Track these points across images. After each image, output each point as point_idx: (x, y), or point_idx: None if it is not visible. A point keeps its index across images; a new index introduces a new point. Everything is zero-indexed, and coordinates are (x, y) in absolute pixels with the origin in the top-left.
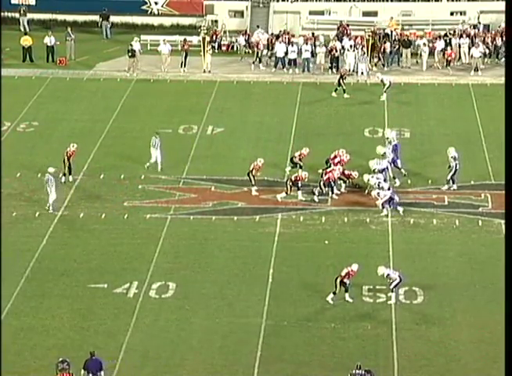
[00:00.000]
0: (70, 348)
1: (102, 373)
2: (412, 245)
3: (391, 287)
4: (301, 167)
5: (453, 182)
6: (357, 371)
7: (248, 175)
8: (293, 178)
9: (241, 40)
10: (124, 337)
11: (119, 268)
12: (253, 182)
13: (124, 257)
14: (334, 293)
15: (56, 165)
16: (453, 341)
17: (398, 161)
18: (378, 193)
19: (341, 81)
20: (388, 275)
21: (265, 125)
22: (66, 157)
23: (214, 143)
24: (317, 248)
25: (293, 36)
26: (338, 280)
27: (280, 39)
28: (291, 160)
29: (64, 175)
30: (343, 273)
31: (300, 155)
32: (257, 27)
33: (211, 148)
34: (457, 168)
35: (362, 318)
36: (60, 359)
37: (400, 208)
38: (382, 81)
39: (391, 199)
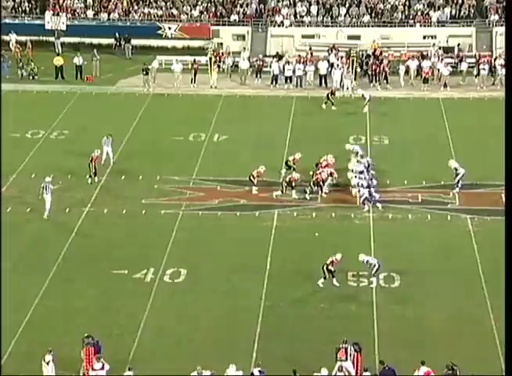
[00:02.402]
0: (96, 326)
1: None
2: (390, 237)
3: (373, 272)
4: (294, 169)
5: (457, 186)
6: (343, 345)
7: (249, 177)
8: (287, 179)
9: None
10: (141, 316)
11: (137, 256)
12: (254, 183)
13: (141, 247)
14: (324, 278)
15: (87, 166)
16: (426, 320)
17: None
18: (359, 191)
19: (330, 95)
20: (368, 261)
21: (263, 133)
22: (90, 162)
23: (219, 149)
24: (308, 239)
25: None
26: (325, 268)
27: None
28: (286, 163)
29: (90, 176)
30: (328, 261)
31: (293, 159)
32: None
33: (217, 153)
34: (463, 173)
35: (347, 300)
36: (86, 335)
37: (379, 205)
38: (363, 95)
39: (370, 196)
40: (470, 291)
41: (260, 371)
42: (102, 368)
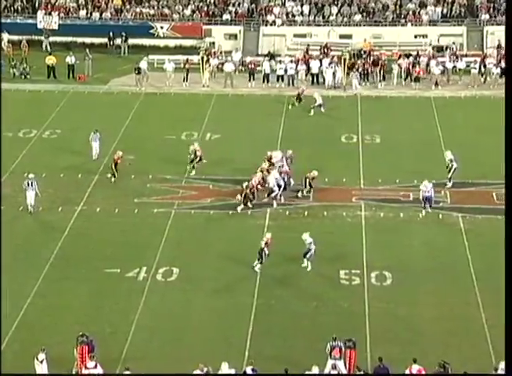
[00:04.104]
0: (89, 325)
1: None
2: (382, 235)
3: (307, 256)
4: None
5: (449, 181)
6: (333, 343)
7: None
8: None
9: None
10: (134, 315)
11: (130, 255)
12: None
13: (134, 245)
14: (261, 262)
15: (81, 165)
16: (418, 318)
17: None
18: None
19: (299, 96)
20: (310, 243)
21: (255, 132)
22: (113, 163)
23: (211, 148)
24: (301, 238)
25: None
26: (261, 251)
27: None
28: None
29: (114, 176)
30: (263, 245)
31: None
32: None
33: (209, 152)
34: (455, 168)
35: (339, 298)
36: (80, 334)
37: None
38: (315, 98)
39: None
40: (461, 290)
41: (252, 369)
42: (96, 367)
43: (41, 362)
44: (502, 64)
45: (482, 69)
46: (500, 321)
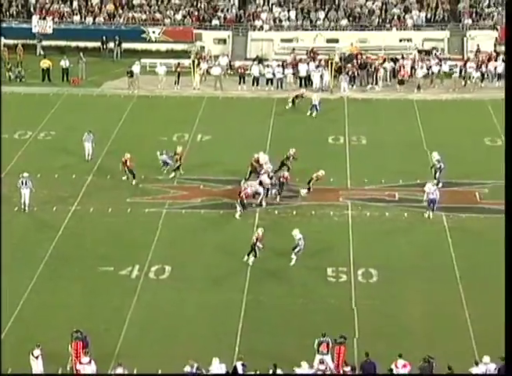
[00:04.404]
0: (83, 321)
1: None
2: (368, 234)
3: (295, 250)
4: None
5: (438, 181)
6: (321, 338)
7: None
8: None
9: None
10: (127, 312)
11: (123, 254)
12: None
13: (127, 244)
14: (254, 256)
15: (75, 166)
16: (403, 314)
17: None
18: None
19: (296, 99)
20: (300, 239)
21: (245, 133)
22: (124, 166)
23: (202, 149)
24: (289, 236)
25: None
26: (253, 245)
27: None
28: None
29: (127, 178)
30: (254, 239)
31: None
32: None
33: (200, 153)
34: (442, 168)
35: (327, 295)
36: (75, 330)
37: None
38: (312, 101)
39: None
40: (445, 287)
41: (242, 365)
42: (89, 362)
43: (37, 358)
44: (483, 68)
45: (463, 73)
46: (483, 317)
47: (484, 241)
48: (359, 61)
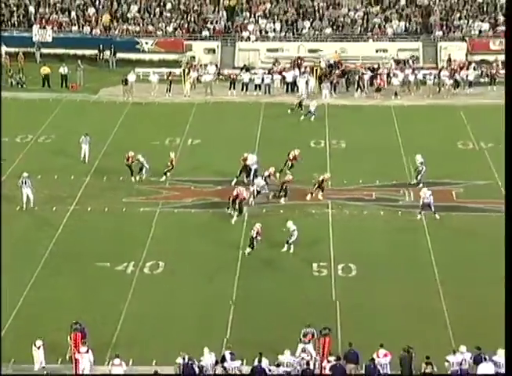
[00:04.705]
0: (81, 314)
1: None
2: (347, 231)
3: (289, 240)
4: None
5: (419, 182)
6: (306, 329)
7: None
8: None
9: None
10: (123, 305)
11: (119, 250)
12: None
13: (123, 242)
14: (252, 248)
15: (73, 168)
16: (384, 307)
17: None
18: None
19: (300, 104)
20: (294, 230)
21: (234, 136)
22: (126, 162)
23: (193, 152)
24: (275, 234)
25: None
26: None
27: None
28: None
29: (132, 175)
30: (254, 234)
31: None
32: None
33: (191, 156)
34: (423, 170)
35: (311, 288)
36: (74, 321)
37: None
38: (309, 106)
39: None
40: (423, 280)
41: (231, 353)
42: (87, 352)
43: (38, 348)
44: (456, 76)
45: (437, 80)
46: (459, 309)
47: (461, 237)
48: (341, 69)
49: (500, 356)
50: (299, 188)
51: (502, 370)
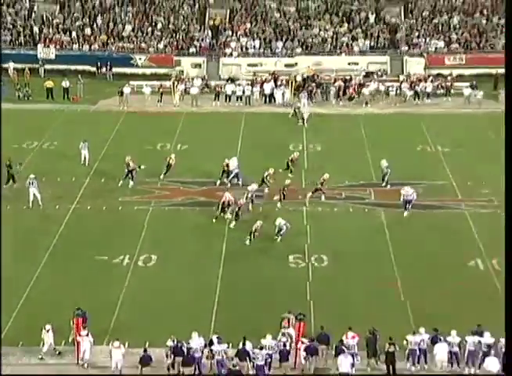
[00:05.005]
0: (82, 302)
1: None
2: (320, 226)
3: (280, 233)
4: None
5: (387, 183)
6: (286, 315)
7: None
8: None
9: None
10: (119, 294)
11: (116, 245)
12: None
13: (119, 237)
14: (250, 241)
15: (74, 171)
16: (352, 293)
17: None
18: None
19: (296, 110)
20: (285, 224)
21: (218, 142)
22: (127, 167)
23: (182, 156)
24: (256, 229)
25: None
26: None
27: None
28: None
29: (126, 178)
30: (254, 229)
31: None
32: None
33: (180, 159)
34: (389, 173)
35: (289, 278)
36: (76, 308)
37: None
38: (303, 112)
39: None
40: (384, 269)
41: (217, 338)
42: (87, 335)
43: (48, 331)
44: (417, 88)
45: (399, 91)
46: (415, 294)
47: (415, 231)
48: (317, 81)
49: (453, 336)
50: (278, 188)
51: (455, 349)
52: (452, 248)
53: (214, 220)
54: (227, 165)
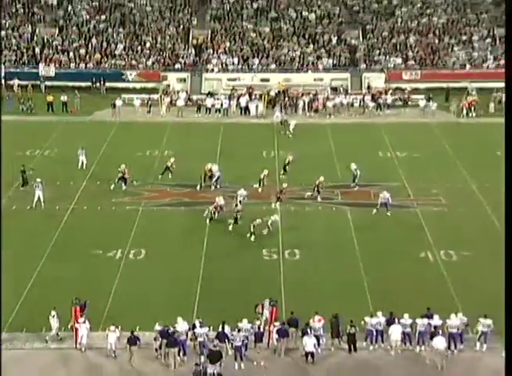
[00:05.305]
0: (79, 291)
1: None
2: (293, 223)
3: (270, 224)
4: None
5: (356, 184)
6: (263, 302)
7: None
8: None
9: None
10: (113, 284)
11: (109, 240)
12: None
13: (112, 233)
14: (250, 235)
15: (72, 175)
16: (319, 282)
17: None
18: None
19: (285, 123)
20: (275, 219)
21: (199, 149)
22: (121, 173)
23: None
24: (235, 226)
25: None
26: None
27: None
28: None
29: (118, 182)
30: (252, 226)
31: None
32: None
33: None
34: (359, 175)
35: (263, 269)
36: (75, 297)
37: None
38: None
39: None
40: (349, 260)
41: (200, 322)
42: (84, 322)
43: (53, 317)
44: (379, 100)
45: (361, 103)
46: (376, 282)
47: (376, 226)
48: (286, 95)
49: (406, 319)
50: (254, 189)
51: (407, 330)
52: (406, 242)
53: (208, 222)
54: (210, 170)
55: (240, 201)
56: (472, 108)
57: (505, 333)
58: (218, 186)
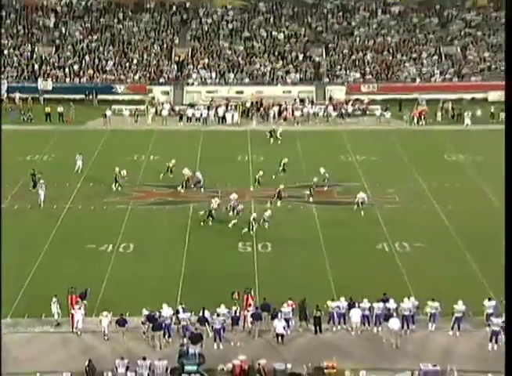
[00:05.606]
0: (75, 281)
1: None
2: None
3: (266, 219)
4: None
5: (328, 186)
6: (237, 290)
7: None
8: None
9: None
10: (105, 275)
11: (102, 235)
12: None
13: (104, 230)
14: (248, 230)
15: (68, 178)
16: (290, 271)
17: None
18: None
19: (273, 133)
20: (269, 215)
21: (182, 154)
22: (114, 176)
23: (154, 165)
24: (218, 224)
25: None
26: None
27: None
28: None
29: (115, 185)
30: (251, 225)
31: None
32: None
33: (153, 167)
34: (327, 177)
35: (239, 261)
36: (71, 287)
37: None
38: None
39: None
40: (315, 252)
41: (183, 308)
42: (80, 308)
43: (54, 303)
44: (342, 110)
45: (325, 113)
46: (339, 271)
47: (339, 222)
48: (259, 105)
49: (365, 303)
50: (230, 190)
51: (366, 313)
52: (365, 235)
53: (210, 222)
54: (191, 177)
55: (238, 204)
56: (422, 117)
57: (505, 333)
58: (203, 190)
